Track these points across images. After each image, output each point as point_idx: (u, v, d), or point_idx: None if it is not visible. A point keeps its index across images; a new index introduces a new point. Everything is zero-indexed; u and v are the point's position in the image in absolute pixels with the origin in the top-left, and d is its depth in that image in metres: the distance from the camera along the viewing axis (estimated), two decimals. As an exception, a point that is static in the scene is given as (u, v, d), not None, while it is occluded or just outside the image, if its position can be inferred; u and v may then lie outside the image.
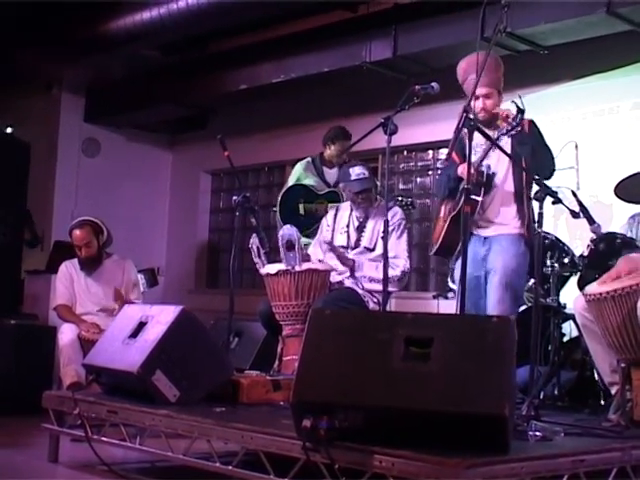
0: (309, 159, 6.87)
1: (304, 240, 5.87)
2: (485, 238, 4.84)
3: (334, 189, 6.61)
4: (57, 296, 6.13)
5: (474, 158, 4.55)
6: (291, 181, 6.87)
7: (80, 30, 7.93)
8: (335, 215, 5.89)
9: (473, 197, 4.47)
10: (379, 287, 5.04)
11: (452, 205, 4.85)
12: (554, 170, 4.75)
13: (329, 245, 5.66)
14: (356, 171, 5.65)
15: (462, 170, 4.62)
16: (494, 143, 4.52)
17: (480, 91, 4.65)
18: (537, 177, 4.26)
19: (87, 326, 5.75)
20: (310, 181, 6.74)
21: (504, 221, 4.81)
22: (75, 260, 6.16)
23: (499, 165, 4.79)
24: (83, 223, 6.10)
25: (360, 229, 5.71)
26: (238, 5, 6.78)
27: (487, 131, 4.50)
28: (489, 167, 4.74)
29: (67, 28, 7.96)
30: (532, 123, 4.80)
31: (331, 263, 5.60)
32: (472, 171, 4.22)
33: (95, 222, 6.12)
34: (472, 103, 4.30)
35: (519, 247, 4.76)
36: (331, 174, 6.74)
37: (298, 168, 6.85)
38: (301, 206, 6.64)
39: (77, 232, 6.05)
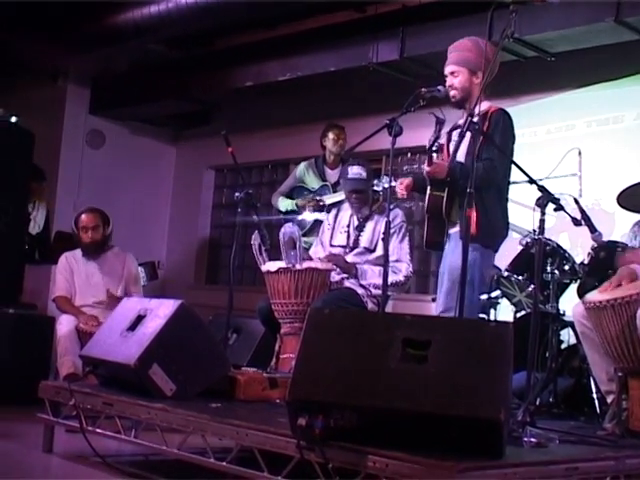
0: (313, 159, 6.91)
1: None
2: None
3: (325, 183, 6.68)
4: (56, 287, 6.14)
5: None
6: (292, 178, 6.94)
7: (87, 22, 7.93)
8: (336, 215, 5.90)
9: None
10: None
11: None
12: (490, 181, 4.50)
13: (329, 258, 5.61)
14: (354, 170, 5.66)
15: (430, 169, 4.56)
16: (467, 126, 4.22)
17: (446, 69, 4.73)
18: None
19: (86, 318, 5.75)
20: (311, 181, 6.79)
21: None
22: (76, 251, 6.17)
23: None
24: (93, 209, 6.21)
25: (360, 229, 5.71)
26: (245, 3, 6.78)
27: (458, 111, 4.62)
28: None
29: (75, 20, 7.96)
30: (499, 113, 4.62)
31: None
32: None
33: (103, 212, 6.19)
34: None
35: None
36: (332, 174, 6.76)
37: (301, 167, 6.90)
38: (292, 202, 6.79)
39: (88, 215, 6.14)
